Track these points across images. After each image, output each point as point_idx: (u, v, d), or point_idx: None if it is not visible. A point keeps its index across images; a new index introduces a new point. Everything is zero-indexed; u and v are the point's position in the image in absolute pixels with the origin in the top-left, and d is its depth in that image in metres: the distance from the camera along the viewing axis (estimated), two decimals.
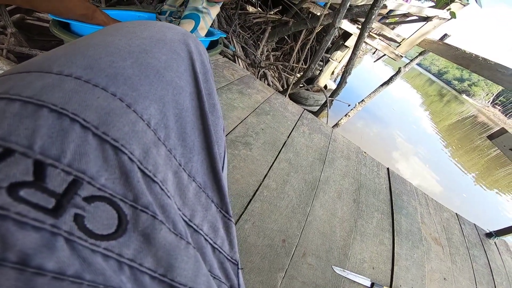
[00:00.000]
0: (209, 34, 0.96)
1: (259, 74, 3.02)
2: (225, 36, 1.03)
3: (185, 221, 0.24)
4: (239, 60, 2.77)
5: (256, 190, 0.93)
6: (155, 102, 0.21)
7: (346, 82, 2.42)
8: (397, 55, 3.08)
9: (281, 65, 3.55)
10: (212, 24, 0.85)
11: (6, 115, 0.15)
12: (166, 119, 0.22)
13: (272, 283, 0.72)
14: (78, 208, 0.16)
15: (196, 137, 0.26)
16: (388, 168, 1.60)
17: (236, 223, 0.79)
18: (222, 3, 0.69)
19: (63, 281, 0.14)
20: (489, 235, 1.62)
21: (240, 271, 0.30)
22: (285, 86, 3.50)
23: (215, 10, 0.68)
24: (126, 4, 1.91)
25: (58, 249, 0.14)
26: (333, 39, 3.96)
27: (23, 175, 0.14)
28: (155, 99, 0.21)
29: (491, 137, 1.54)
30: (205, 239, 0.26)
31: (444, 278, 1.10)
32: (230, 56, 2.70)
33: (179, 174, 0.24)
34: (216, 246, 0.27)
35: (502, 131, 1.49)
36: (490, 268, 1.37)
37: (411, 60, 3.01)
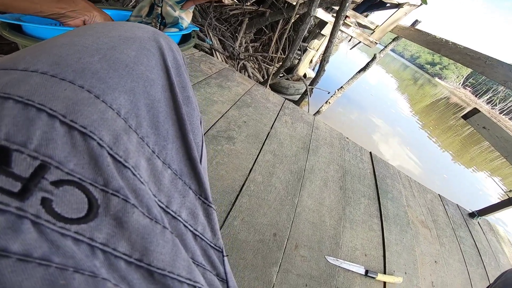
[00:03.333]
0: None
1: (239, 66, 2.97)
2: (198, 29, 1.00)
3: (161, 207, 0.24)
4: (217, 53, 2.71)
5: (243, 185, 0.90)
6: (125, 93, 0.22)
7: (324, 70, 2.42)
8: (371, 41, 3.11)
9: (261, 55, 3.51)
10: None
11: None
12: (137, 108, 0.23)
13: (267, 278, 0.70)
14: (45, 192, 0.16)
15: (170, 126, 0.27)
16: (370, 152, 1.62)
17: (224, 220, 0.77)
18: (193, 7, 0.70)
19: (29, 263, 0.14)
20: (472, 215, 1.69)
21: (225, 258, 0.30)
22: (266, 77, 3.47)
23: (189, 16, 0.69)
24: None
25: (24, 231, 0.15)
26: (310, 28, 3.96)
27: None
28: (124, 91, 0.22)
29: (465, 116, 1.60)
30: (185, 225, 0.26)
31: (435, 261, 1.13)
32: (207, 49, 2.63)
33: (153, 161, 0.24)
34: (197, 233, 0.28)
35: (475, 111, 1.56)
36: (477, 248, 1.42)
37: (385, 46, 3.06)
